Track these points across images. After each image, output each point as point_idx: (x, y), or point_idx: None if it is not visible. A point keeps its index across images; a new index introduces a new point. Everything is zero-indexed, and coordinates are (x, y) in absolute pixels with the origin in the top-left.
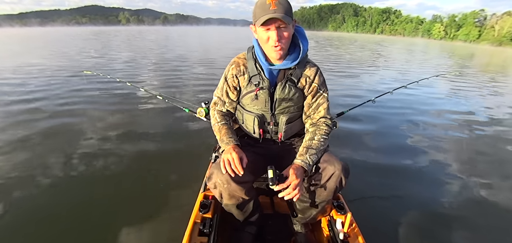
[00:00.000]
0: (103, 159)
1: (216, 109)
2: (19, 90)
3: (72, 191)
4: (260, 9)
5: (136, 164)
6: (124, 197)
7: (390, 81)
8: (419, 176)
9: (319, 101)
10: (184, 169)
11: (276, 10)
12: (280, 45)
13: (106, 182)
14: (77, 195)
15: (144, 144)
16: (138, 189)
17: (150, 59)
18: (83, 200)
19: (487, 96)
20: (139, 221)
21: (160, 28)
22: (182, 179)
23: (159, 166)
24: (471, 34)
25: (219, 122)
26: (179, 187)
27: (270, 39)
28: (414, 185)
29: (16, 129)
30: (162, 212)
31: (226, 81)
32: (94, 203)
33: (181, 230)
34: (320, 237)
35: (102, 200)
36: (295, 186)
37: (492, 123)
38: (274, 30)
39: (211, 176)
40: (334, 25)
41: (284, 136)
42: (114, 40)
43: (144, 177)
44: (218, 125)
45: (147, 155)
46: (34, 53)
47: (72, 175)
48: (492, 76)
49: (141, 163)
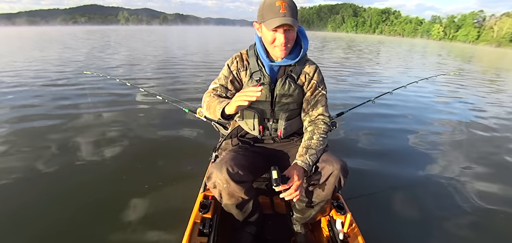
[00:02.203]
0: (102, 158)
1: (214, 93)
2: (20, 90)
3: (71, 191)
4: (270, 11)
5: (135, 164)
6: (124, 197)
7: (390, 81)
8: (419, 176)
9: (317, 98)
10: (184, 169)
11: (286, 13)
12: (286, 47)
13: (106, 181)
14: (76, 195)
15: (144, 144)
16: (137, 189)
17: (149, 59)
18: (82, 200)
19: (487, 96)
20: (139, 221)
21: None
22: (182, 179)
23: (159, 166)
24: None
25: (212, 96)
26: (179, 187)
27: (277, 41)
28: (414, 184)
29: (16, 128)
30: (162, 212)
31: (230, 71)
32: (93, 203)
33: (181, 230)
34: (320, 237)
35: (101, 199)
36: (297, 187)
37: (492, 122)
38: (282, 33)
39: (210, 175)
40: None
41: (284, 133)
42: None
43: (143, 177)
44: (212, 98)
45: (147, 155)
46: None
47: (72, 174)
48: (491, 76)
49: (141, 162)
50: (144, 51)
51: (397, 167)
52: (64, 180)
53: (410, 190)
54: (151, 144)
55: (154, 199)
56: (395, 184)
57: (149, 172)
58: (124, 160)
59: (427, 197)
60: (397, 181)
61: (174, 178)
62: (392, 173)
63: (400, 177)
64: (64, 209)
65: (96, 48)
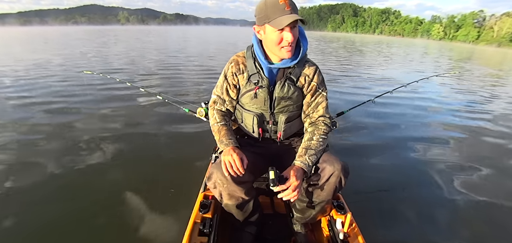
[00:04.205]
0: (102, 158)
1: (216, 108)
2: (19, 89)
3: (71, 191)
4: (274, 10)
5: (135, 164)
6: (123, 196)
7: (390, 81)
8: (419, 176)
9: (318, 100)
10: (184, 169)
11: (291, 10)
12: (292, 46)
13: (105, 181)
14: (76, 194)
15: (144, 144)
16: (137, 188)
17: (149, 59)
18: (81, 199)
19: (488, 95)
20: (138, 221)
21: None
22: (182, 179)
23: (159, 166)
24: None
25: (218, 122)
26: (179, 187)
27: (284, 40)
28: (414, 184)
29: (16, 128)
30: (162, 212)
31: (226, 79)
32: (93, 202)
33: (181, 230)
34: (320, 237)
35: (101, 199)
36: (294, 187)
37: (492, 122)
38: (290, 31)
39: (210, 175)
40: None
41: (283, 135)
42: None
43: (143, 177)
44: (218, 126)
45: (147, 155)
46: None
47: (71, 174)
48: (492, 76)
49: (141, 162)
50: (144, 51)
51: (398, 167)
52: (63, 180)
53: (411, 190)
54: (151, 144)
55: (154, 199)
56: (395, 184)
57: (149, 172)
58: (123, 160)
59: (427, 196)
60: (397, 181)
61: (174, 177)
62: (393, 172)
63: (401, 176)
64: (63, 208)
65: (96, 48)
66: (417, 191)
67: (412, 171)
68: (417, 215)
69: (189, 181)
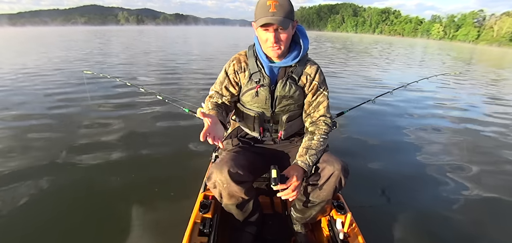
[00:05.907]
0: (102, 158)
1: (210, 101)
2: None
3: (70, 191)
4: (260, 9)
5: (135, 164)
6: (123, 196)
7: (390, 81)
8: (419, 176)
9: (319, 100)
10: (184, 169)
11: (275, 13)
12: (278, 46)
13: (105, 181)
14: (75, 194)
15: (144, 144)
16: (137, 188)
17: (149, 59)
18: (81, 199)
19: (488, 95)
20: (138, 221)
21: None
22: (182, 179)
23: (159, 166)
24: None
25: (210, 109)
26: (179, 187)
27: (268, 41)
28: (414, 184)
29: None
30: (162, 212)
31: (227, 75)
32: (92, 202)
33: (181, 230)
34: (320, 237)
35: (100, 199)
36: (295, 187)
37: (493, 122)
38: (272, 32)
39: (210, 175)
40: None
41: (284, 134)
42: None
43: (143, 177)
44: (208, 112)
45: (147, 155)
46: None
47: (70, 174)
48: (492, 76)
49: (141, 162)
50: (144, 51)
51: (398, 167)
52: (63, 180)
53: (411, 189)
54: (151, 143)
55: (154, 199)
56: (395, 184)
57: (149, 172)
58: (123, 160)
59: (427, 196)
60: (397, 181)
61: (174, 178)
62: (393, 172)
63: (401, 176)
64: (63, 208)
65: (96, 48)
66: (417, 190)
67: (413, 171)
68: (418, 215)
69: (189, 181)
